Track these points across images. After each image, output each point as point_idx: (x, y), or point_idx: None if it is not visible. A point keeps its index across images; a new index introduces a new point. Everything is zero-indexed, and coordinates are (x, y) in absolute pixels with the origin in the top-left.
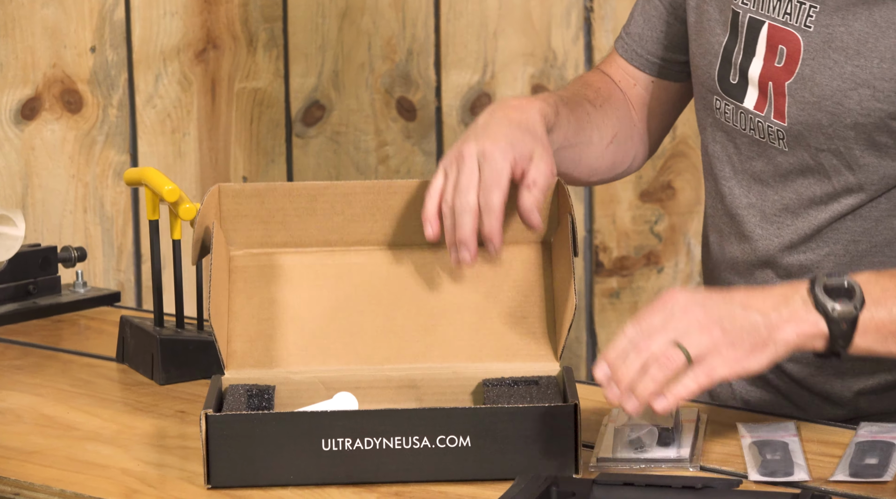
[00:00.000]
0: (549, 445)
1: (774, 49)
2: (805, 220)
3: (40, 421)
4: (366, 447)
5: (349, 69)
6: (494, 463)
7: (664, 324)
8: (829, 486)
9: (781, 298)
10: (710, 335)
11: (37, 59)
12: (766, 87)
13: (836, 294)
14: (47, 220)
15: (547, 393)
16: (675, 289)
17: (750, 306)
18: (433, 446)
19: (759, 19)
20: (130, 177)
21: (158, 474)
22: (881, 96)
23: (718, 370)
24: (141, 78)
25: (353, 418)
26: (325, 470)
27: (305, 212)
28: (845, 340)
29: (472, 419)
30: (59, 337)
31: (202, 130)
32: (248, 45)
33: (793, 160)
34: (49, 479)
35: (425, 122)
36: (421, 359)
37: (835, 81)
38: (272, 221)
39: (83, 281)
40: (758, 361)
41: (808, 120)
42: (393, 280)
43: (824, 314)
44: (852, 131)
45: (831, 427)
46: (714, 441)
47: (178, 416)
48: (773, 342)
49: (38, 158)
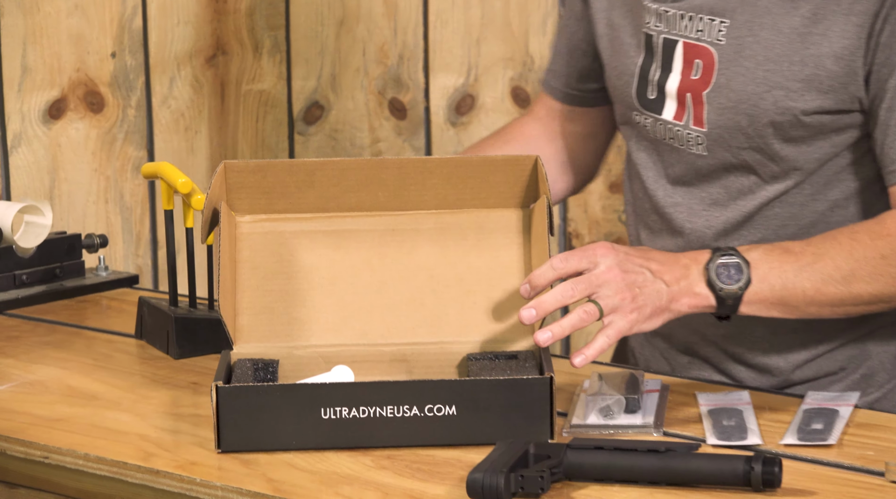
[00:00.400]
0: (527, 413)
1: (691, 63)
2: (734, 210)
3: (66, 392)
4: (361, 416)
5: (346, 73)
6: (477, 430)
7: (588, 278)
8: (779, 449)
9: (683, 270)
10: (623, 297)
11: (62, 64)
12: (685, 99)
13: (727, 274)
14: (72, 210)
15: (525, 366)
16: (604, 243)
17: (659, 275)
18: (422, 414)
19: (673, 39)
20: (147, 171)
21: (173, 440)
22: (794, 96)
23: (621, 328)
24: (157, 81)
25: (349, 389)
26: (325, 436)
27: (304, 184)
28: (732, 310)
29: (456, 390)
30: (83, 316)
31: (212, 128)
32: (254, 51)
33: (713, 162)
34: (74, 444)
35: (415, 120)
36: (411, 335)
37: (749, 86)
38: (273, 192)
39: (105, 265)
40: (652, 324)
41: (727, 123)
42: (386, 249)
43: (714, 292)
44: (770, 129)
45: (781, 396)
46: (675, 409)
47: (192, 387)
48: (670, 310)
49: (63, 154)
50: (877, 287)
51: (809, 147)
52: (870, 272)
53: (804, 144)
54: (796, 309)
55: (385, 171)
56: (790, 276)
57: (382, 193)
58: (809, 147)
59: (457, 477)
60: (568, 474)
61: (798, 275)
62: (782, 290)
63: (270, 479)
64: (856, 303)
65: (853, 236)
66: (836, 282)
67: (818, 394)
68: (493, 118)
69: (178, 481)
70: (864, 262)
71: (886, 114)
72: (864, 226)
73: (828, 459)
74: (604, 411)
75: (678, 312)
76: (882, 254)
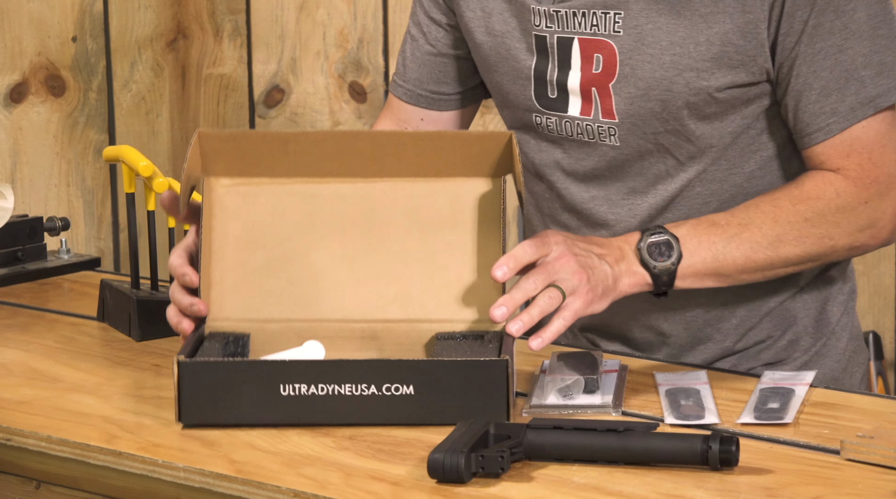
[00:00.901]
0: (483, 394)
1: (590, 58)
2: (654, 195)
3: (28, 374)
4: (319, 393)
5: (306, 56)
6: (435, 410)
7: (546, 268)
8: (736, 428)
9: (619, 252)
10: (579, 279)
11: (24, 47)
12: (590, 93)
13: (658, 251)
14: (34, 193)
15: (489, 347)
16: (554, 231)
17: (603, 258)
18: (380, 392)
19: (568, 37)
20: (109, 154)
21: (136, 422)
22: (706, 75)
23: (577, 309)
24: (118, 65)
25: (308, 366)
26: (284, 412)
27: (279, 152)
28: (668, 285)
29: (414, 370)
30: (45, 298)
31: (173, 112)
32: (214, 35)
33: (627, 151)
34: (37, 426)
35: (375, 103)
36: (382, 312)
37: (658, 72)
38: (248, 158)
39: (67, 248)
40: (602, 305)
41: (639, 111)
42: (360, 218)
43: (648, 270)
44: (685, 110)
45: (738, 375)
46: (634, 389)
47: (154, 369)
48: (615, 290)
49: (25, 138)
50: (804, 248)
51: (722, 122)
52: (796, 236)
53: (717, 120)
54: (729, 277)
55: (360, 142)
56: (719, 247)
57: (356, 161)
58: (722, 122)
59: (418, 457)
60: (528, 454)
61: (727, 245)
62: (713, 261)
63: (233, 460)
64: (785, 265)
65: (775, 203)
66: (764, 248)
67: (774, 373)
68: None
69: (140, 463)
70: (788, 226)
71: (795, 81)
72: (783, 192)
73: (784, 437)
74: (563, 392)
75: (621, 293)
76: (805, 217)
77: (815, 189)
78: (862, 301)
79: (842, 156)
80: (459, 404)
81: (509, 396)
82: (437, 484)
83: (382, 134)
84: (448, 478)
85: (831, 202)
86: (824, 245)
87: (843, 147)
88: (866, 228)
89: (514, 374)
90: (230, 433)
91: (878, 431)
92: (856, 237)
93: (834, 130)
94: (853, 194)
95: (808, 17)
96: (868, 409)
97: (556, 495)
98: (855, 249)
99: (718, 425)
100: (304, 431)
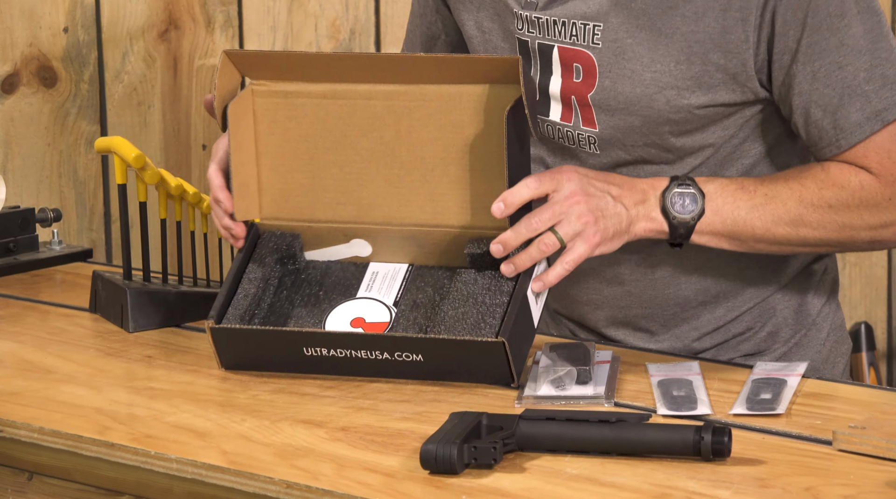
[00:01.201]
0: (485, 368)
1: (570, 67)
2: None
3: (21, 366)
4: (339, 355)
5: (298, 47)
6: (441, 373)
7: (552, 208)
8: (728, 419)
9: (641, 194)
10: (584, 223)
11: (15, 39)
12: (570, 101)
13: (682, 203)
14: (26, 184)
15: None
16: (569, 167)
17: (620, 199)
18: (392, 358)
19: (548, 44)
20: (100, 145)
21: (128, 413)
22: (686, 93)
23: (581, 253)
24: (109, 56)
25: (327, 337)
26: (307, 367)
27: (309, 62)
28: (684, 238)
29: (422, 344)
30: (37, 290)
31: (165, 103)
32: (206, 26)
33: (606, 160)
34: (29, 417)
35: None
36: (418, 218)
37: (638, 88)
38: (282, 67)
39: (59, 239)
40: (612, 246)
41: (620, 124)
42: (393, 119)
43: (667, 218)
44: (666, 127)
45: (730, 366)
46: (626, 380)
47: (146, 360)
48: (628, 233)
49: (17, 129)
50: (823, 233)
51: (703, 134)
52: (818, 219)
53: (698, 132)
54: (744, 243)
55: (382, 60)
56: (742, 212)
57: (389, 75)
58: (703, 134)
59: (411, 448)
60: (520, 445)
61: (750, 213)
62: (733, 224)
63: (225, 451)
64: (803, 244)
65: (802, 183)
66: (786, 224)
67: (766, 364)
68: None
69: (133, 454)
70: (812, 208)
71: (798, 99)
72: (810, 173)
73: (776, 428)
74: (555, 383)
75: (634, 235)
76: (829, 204)
77: (840, 176)
78: (854, 292)
79: (860, 159)
80: (463, 371)
81: (511, 369)
82: (430, 475)
83: (400, 55)
84: (441, 469)
85: (856, 194)
86: (844, 234)
87: (859, 155)
88: (890, 225)
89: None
90: (222, 425)
91: (870, 421)
92: (878, 232)
93: (843, 146)
94: (877, 189)
95: (800, 35)
96: (860, 399)
97: (548, 485)
98: (875, 242)
99: (711, 415)
100: (297, 422)
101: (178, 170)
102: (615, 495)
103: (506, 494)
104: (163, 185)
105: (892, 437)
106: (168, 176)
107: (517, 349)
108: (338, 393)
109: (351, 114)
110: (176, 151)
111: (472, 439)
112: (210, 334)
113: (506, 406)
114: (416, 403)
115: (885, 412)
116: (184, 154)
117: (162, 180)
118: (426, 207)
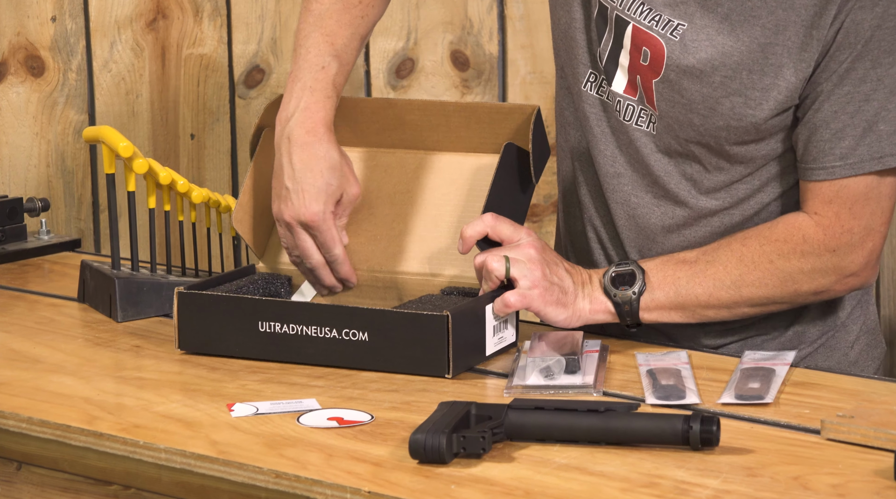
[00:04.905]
0: (427, 347)
1: (639, 49)
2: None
3: (8, 355)
4: (290, 332)
5: (287, 36)
6: (386, 357)
7: (506, 249)
8: (717, 408)
9: (586, 276)
10: (534, 272)
11: (2, 27)
12: (635, 79)
13: (622, 281)
14: (14, 174)
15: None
16: (531, 232)
17: (570, 273)
18: (339, 336)
19: (624, 19)
20: (89, 135)
21: (116, 403)
22: (752, 103)
23: (534, 303)
24: (97, 45)
25: (281, 306)
26: (261, 348)
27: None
28: (632, 317)
29: (367, 318)
30: (25, 280)
31: (153, 92)
32: (194, 15)
33: (659, 144)
34: (17, 407)
35: (355, 83)
36: (401, 266)
37: (705, 89)
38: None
39: (47, 229)
40: (556, 314)
41: (678, 116)
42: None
43: (609, 297)
44: (724, 132)
45: (718, 356)
46: (615, 369)
47: (134, 350)
48: (573, 307)
49: (4, 118)
50: (766, 291)
51: (758, 145)
52: (758, 277)
53: (753, 144)
54: (694, 313)
55: (412, 112)
56: (683, 283)
57: (410, 134)
58: (758, 145)
59: (399, 438)
60: (509, 435)
61: (690, 281)
62: (675, 295)
63: (214, 441)
64: (749, 304)
65: (744, 242)
66: (727, 287)
67: (755, 353)
68: (433, 82)
69: (121, 444)
70: (752, 266)
71: (814, 114)
72: (756, 231)
73: (765, 417)
74: (544, 372)
75: (581, 317)
76: (770, 259)
77: (784, 231)
78: None
79: (824, 201)
80: (406, 355)
81: (450, 351)
82: (419, 465)
83: (431, 103)
84: (429, 458)
85: (797, 247)
86: (787, 288)
87: (830, 192)
88: (830, 275)
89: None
90: (211, 414)
91: (858, 410)
92: (819, 283)
93: (837, 174)
94: (820, 242)
95: (846, 58)
96: (848, 388)
97: (537, 475)
98: (820, 293)
99: (699, 404)
100: (274, 362)
101: (167, 159)
102: (604, 484)
103: (494, 483)
104: (151, 174)
105: (879, 426)
106: (156, 165)
107: (460, 340)
108: (326, 383)
109: (367, 177)
110: (164, 141)
111: (461, 429)
112: (176, 301)
113: (494, 396)
114: (405, 392)
115: (873, 401)
116: (172, 143)
117: (150, 170)
118: (412, 257)
